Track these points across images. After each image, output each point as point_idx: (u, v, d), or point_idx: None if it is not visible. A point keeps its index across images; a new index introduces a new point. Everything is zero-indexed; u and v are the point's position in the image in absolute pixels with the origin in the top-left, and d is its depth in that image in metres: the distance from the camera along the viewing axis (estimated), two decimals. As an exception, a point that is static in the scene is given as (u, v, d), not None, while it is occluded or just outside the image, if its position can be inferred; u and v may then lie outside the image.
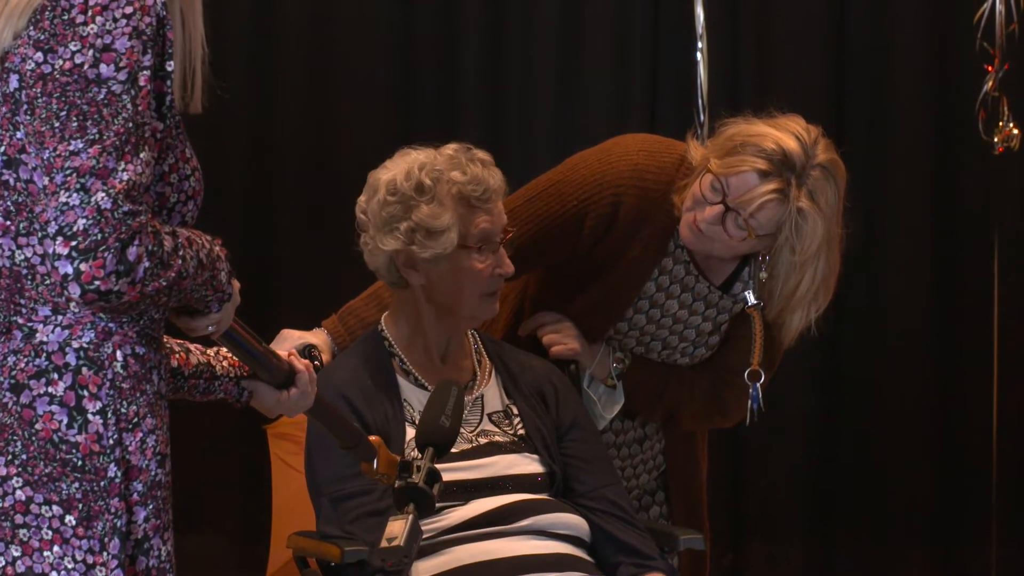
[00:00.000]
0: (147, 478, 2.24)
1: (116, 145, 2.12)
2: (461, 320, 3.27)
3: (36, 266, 2.21)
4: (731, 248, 3.32)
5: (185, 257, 2.18)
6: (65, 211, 2.09)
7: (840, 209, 3.32)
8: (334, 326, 3.37)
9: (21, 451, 2.19)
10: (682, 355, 3.49)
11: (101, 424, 2.19)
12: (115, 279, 2.09)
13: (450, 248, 3.17)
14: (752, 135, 3.26)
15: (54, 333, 2.21)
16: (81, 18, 2.14)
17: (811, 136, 3.28)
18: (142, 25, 2.16)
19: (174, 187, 2.26)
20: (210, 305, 2.30)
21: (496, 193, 3.21)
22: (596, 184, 3.36)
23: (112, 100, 2.13)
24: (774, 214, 3.24)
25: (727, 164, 3.25)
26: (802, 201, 3.23)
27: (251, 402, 2.63)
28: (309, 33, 5.39)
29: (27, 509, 2.19)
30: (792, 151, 3.23)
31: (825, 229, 3.26)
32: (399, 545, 2.66)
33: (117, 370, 2.21)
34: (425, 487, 2.73)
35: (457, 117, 5.34)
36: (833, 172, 3.29)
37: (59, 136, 2.12)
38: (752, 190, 3.23)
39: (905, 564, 5.48)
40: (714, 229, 3.27)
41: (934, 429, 5.47)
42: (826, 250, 3.29)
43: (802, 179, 3.23)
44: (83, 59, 2.13)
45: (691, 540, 3.32)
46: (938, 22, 5.42)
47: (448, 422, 2.83)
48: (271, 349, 2.55)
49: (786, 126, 3.29)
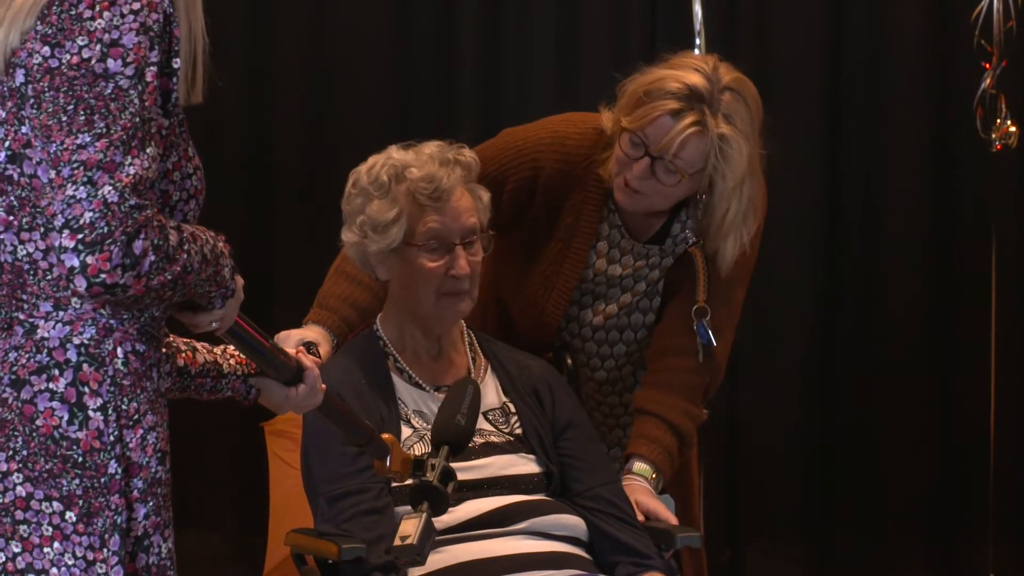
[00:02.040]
0: (147, 475, 2.24)
1: (123, 139, 2.12)
2: (426, 319, 3.25)
3: (38, 261, 2.21)
4: (668, 196, 3.34)
5: (190, 252, 2.18)
6: (72, 204, 2.09)
7: (757, 128, 3.33)
8: (319, 316, 3.37)
9: (22, 447, 2.19)
10: (635, 331, 3.50)
11: (102, 420, 2.20)
12: (121, 272, 2.09)
13: (395, 243, 3.18)
14: (653, 82, 3.29)
15: (55, 329, 2.21)
16: (89, 13, 2.15)
17: (710, 64, 3.31)
18: (149, 21, 2.16)
19: (176, 185, 2.26)
20: (213, 301, 2.30)
21: (449, 193, 3.19)
22: (517, 150, 3.41)
23: (119, 95, 2.13)
24: (698, 147, 3.26)
25: (638, 116, 3.28)
26: (721, 127, 3.26)
27: (259, 400, 2.62)
28: (306, 29, 5.40)
29: (27, 505, 2.19)
30: (696, 83, 3.26)
31: (748, 149, 3.29)
32: (412, 544, 2.66)
33: (118, 367, 2.21)
34: (439, 486, 2.73)
35: (454, 113, 5.34)
36: (742, 91, 3.31)
37: (66, 130, 2.12)
38: (670, 132, 3.25)
39: (903, 562, 5.49)
40: (647, 183, 3.30)
41: (932, 427, 5.47)
42: (750, 171, 3.30)
43: (714, 106, 3.26)
44: (91, 54, 2.13)
45: (688, 538, 3.32)
46: (936, 19, 5.42)
47: (464, 420, 2.84)
48: (279, 346, 2.55)
49: (682, 64, 3.32)
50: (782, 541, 5.51)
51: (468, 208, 3.21)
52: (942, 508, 5.47)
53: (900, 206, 5.46)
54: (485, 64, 5.44)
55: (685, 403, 3.41)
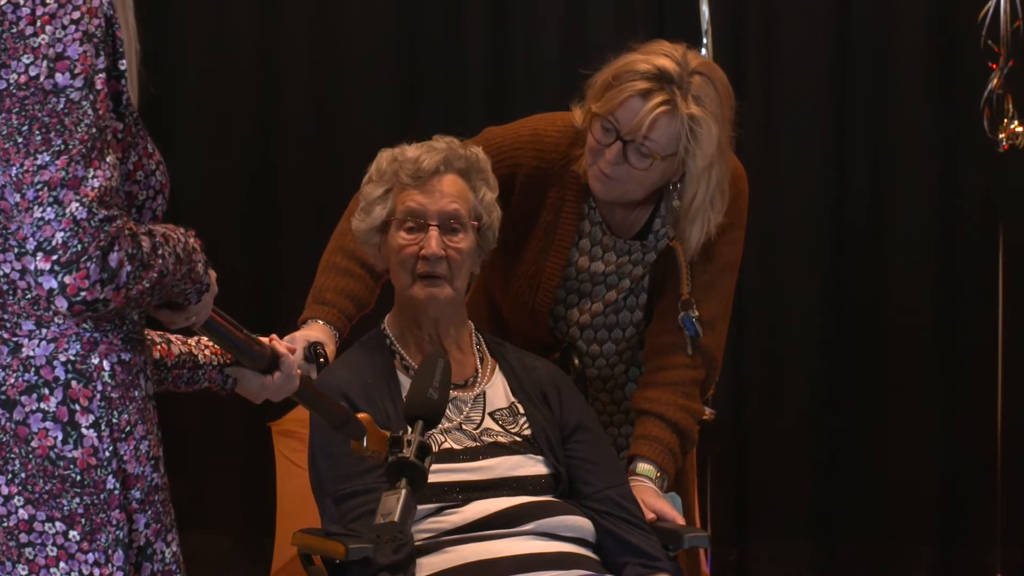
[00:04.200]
0: (144, 484, 2.23)
1: (83, 153, 2.10)
2: (411, 307, 3.26)
3: (16, 281, 2.19)
4: (642, 182, 3.33)
5: (164, 255, 2.17)
6: (41, 226, 2.08)
7: (727, 114, 3.33)
8: (318, 311, 3.35)
9: (20, 469, 2.18)
10: (622, 329, 3.51)
11: (96, 437, 2.19)
12: (100, 287, 2.09)
13: (378, 222, 3.23)
14: (622, 65, 3.30)
15: (40, 347, 2.19)
16: (30, 30, 2.13)
17: (679, 51, 3.31)
18: (92, 28, 2.14)
19: (141, 184, 2.24)
20: (189, 298, 2.29)
21: (428, 173, 3.21)
22: (496, 148, 3.40)
23: (72, 108, 2.11)
24: (668, 127, 3.26)
25: (608, 100, 3.29)
26: (691, 107, 3.25)
27: (236, 389, 2.63)
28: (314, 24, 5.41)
29: (31, 527, 2.18)
30: (666, 65, 3.26)
31: (718, 131, 3.28)
32: (393, 520, 2.64)
33: (105, 380, 2.20)
34: (416, 461, 2.70)
35: (461, 115, 5.33)
36: (711, 75, 3.31)
37: (24, 151, 2.11)
38: (639, 112, 3.25)
39: (910, 562, 5.48)
40: (620, 169, 3.30)
41: (939, 426, 5.47)
42: (719, 154, 3.30)
43: (684, 88, 3.26)
44: (37, 71, 2.11)
45: (696, 539, 3.31)
46: (942, 20, 5.42)
47: (436, 394, 2.80)
48: (252, 336, 2.54)
49: (651, 49, 3.32)
50: (789, 541, 5.51)
51: (453, 193, 3.23)
52: (949, 508, 5.46)
53: (907, 206, 5.45)
54: (492, 65, 5.44)
55: (682, 399, 3.41)
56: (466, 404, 3.24)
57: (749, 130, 5.43)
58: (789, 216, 5.48)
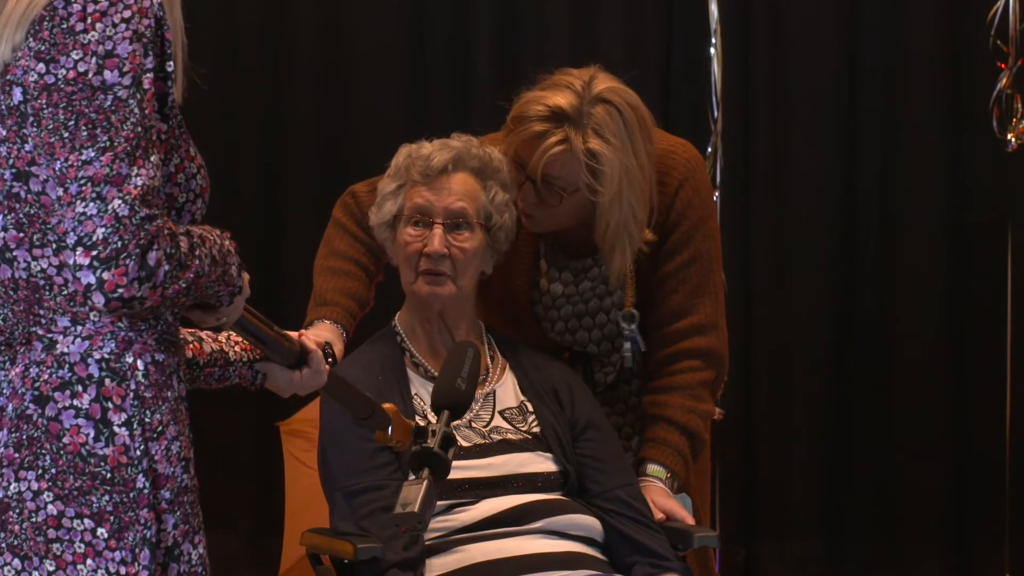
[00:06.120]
0: (174, 485, 2.24)
1: (127, 151, 2.12)
2: (416, 303, 3.27)
3: (53, 277, 2.20)
4: (565, 215, 3.34)
5: (201, 256, 2.19)
6: (83, 221, 2.09)
7: (639, 134, 3.30)
8: (323, 312, 3.35)
9: (51, 465, 2.19)
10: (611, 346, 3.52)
11: (127, 436, 2.20)
12: (138, 285, 2.10)
13: (388, 216, 3.25)
14: (523, 105, 3.31)
15: (75, 344, 2.20)
16: (81, 26, 2.14)
17: (582, 80, 3.30)
18: (141, 28, 2.15)
19: (182, 187, 2.26)
20: (222, 299, 2.31)
21: (436, 170, 3.22)
22: None
23: (119, 106, 2.13)
24: (567, 166, 3.27)
25: (512, 141, 3.31)
26: (589, 142, 3.25)
27: (266, 384, 2.65)
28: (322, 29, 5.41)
29: (59, 523, 2.19)
30: (559, 104, 3.26)
31: (621, 159, 3.27)
32: (413, 511, 2.65)
33: (139, 379, 2.21)
34: (440, 452, 2.71)
35: (469, 116, 5.34)
36: (615, 102, 3.30)
37: (70, 146, 2.12)
38: (536, 152, 3.26)
39: (919, 562, 5.48)
40: (537, 207, 3.32)
41: (947, 426, 5.47)
42: (627, 181, 3.28)
43: (582, 123, 3.25)
44: (86, 67, 2.13)
45: (706, 538, 3.31)
46: (951, 20, 5.41)
47: (464, 385, 2.82)
48: (282, 332, 2.56)
49: (555, 83, 3.33)
50: (797, 540, 5.51)
51: (461, 192, 3.24)
52: (958, 508, 5.46)
53: (917, 205, 5.45)
54: (500, 66, 5.44)
55: (689, 401, 3.41)
56: (476, 402, 3.24)
57: (758, 130, 5.46)
58: (798, 216, 5.48)
